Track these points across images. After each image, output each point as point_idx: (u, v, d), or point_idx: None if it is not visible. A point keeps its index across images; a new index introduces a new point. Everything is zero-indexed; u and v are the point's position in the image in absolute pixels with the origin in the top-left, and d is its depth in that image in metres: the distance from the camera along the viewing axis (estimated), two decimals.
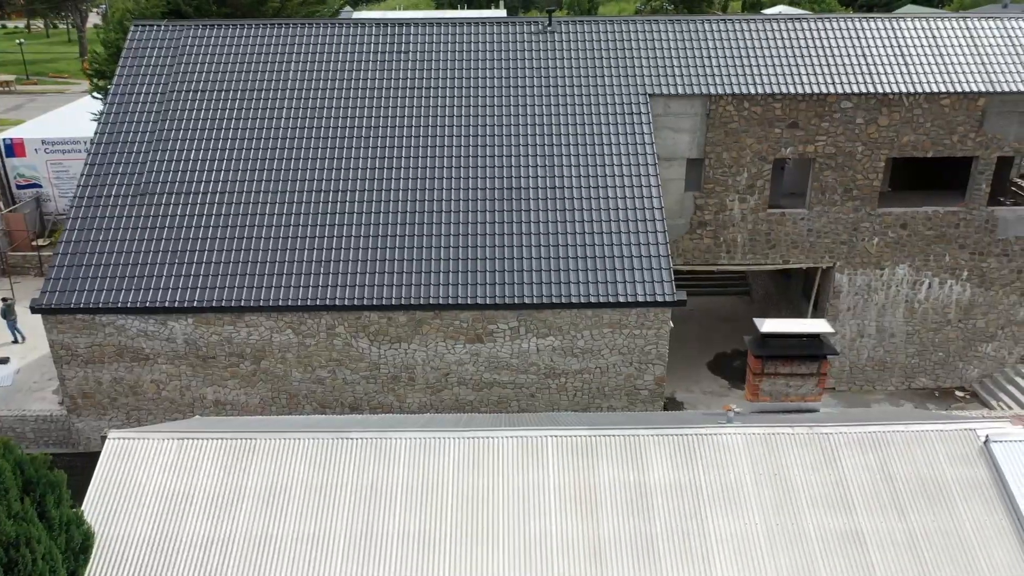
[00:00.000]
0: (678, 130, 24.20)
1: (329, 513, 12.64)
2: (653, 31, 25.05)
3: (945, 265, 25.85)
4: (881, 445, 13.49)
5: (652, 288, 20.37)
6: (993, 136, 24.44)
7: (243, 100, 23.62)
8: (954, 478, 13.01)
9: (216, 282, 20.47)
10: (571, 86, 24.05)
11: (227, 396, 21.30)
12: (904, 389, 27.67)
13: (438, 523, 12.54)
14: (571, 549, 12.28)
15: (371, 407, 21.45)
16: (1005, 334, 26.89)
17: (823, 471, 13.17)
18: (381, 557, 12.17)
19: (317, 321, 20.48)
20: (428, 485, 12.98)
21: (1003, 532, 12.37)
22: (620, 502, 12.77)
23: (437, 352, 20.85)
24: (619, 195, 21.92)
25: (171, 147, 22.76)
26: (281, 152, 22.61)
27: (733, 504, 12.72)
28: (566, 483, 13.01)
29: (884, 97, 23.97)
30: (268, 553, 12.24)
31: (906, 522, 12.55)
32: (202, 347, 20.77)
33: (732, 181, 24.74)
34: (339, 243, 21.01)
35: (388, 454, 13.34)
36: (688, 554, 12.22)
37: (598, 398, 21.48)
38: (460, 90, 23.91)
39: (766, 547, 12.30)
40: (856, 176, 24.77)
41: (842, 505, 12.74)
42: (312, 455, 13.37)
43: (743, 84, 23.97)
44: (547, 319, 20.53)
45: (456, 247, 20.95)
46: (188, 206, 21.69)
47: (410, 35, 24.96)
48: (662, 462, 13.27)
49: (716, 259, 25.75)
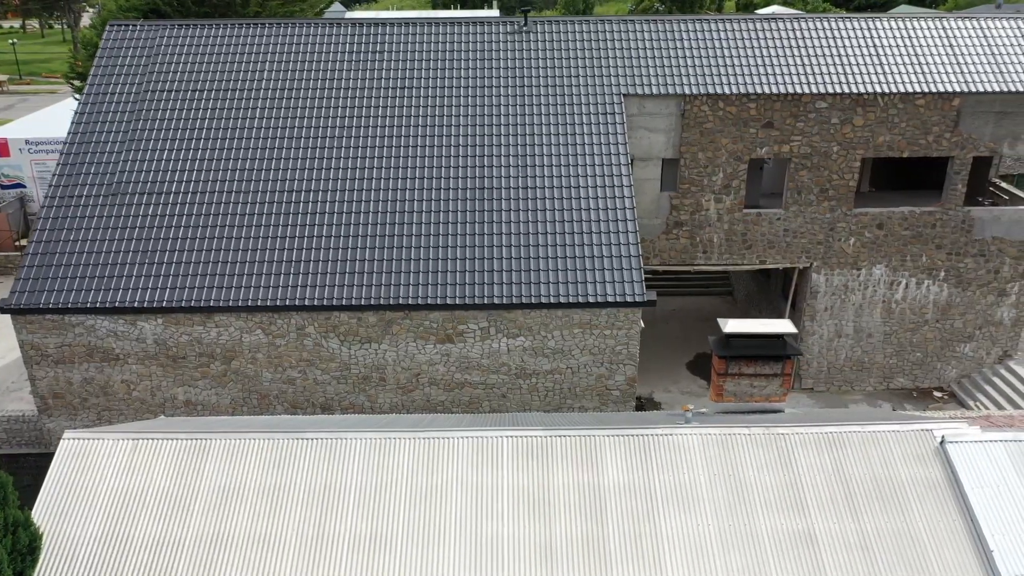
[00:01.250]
0: (653, 130, 24.17)
1: (281, 514, 12.61)
2: (628, 31, 25.03)
3: (922, 265, 25.83)
4: (837, 446, 13.47)
5: (622, 288, 20.34)
6: (968, 136, 24.41)
7: (216, 100, 23.58)
8: (909, 479, 12.99)
9: (186, 282, 20.44)
10: (545, 86, 24.01)
11: (198, 396, 21.26)
12: (883, 390, 27.65)
13: (390, 524, 12.51)
14: (522, 551, 12.25)
15: (342, 407, 21.42)
16: (983, 334, 26.87)
17: (778, 472, 13.15)
18: (332, 558, 12.15)
19: (287, 321, 20.44)
20: (381, 486, 12.96)
21: (956, 532, 12.35)
22: (573, 503, 12.74)
23: (408, 352, 20.83)
24: (591, 195, 21.89)
25: (144, 147, 22.72)
26: (252, 152, 22.57)
27: (687, 505, 12.70)
28: (520, 484, 12.98)
29: (859, 97, 23.94)
30: (219, 554, 12.22)
31: (859, 523, 12.53)
32: (172, 347, 20.73)
33: (708, 181, 24.72)
34: (309, 243, 20.98)
35: (342, 455, 13.32)
36: (640, 555, 12.20)
37: (569, 398, 21.45)
38: (433, 90, 23.87)
39: (718, 548, 12.28)
40: (832, 176, 24.75)
41: (796, 506, 12.72)
42: (266, 455, 13.35)
43: (718, 84, 23.94)
44: (517, 319, 20.50)
45: (426, 247, 20.92)
46: (159, 206, 21.65)
47: (385, 35, 24.93)
48: (617, 463, 13.24)
49: (692, 259, 25.72)
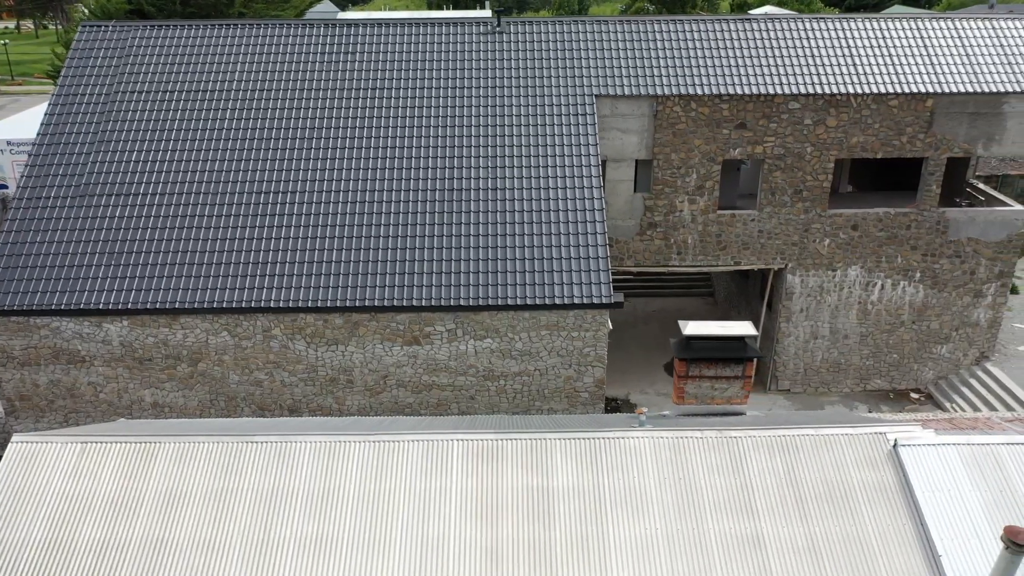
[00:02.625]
0: (626, 131, 24.09)
1: (227, 518, 12.51)
2: (601, 32, 24.94)
3: (897, 266, 25.74)
4: (789, 449, 13.38)
5: (589, 290, 20.25)
6: (942, 137, 24.33)
7: (186, 101, 23.50)
8: (860, 482, 12.90)
9: (151, 284, 20.36)
10: (517, 87, 23.93)
11: (165, 398, 21.18)
12: (860, 391, 27.57)
13: (336, 528, 12.41)
14: (468, 554, 12.15)
15: (310, 410, 21.34)
16: (959, 336, 26.79)
17: (729, 475, 13.06)
18: (277, 563, 12.04)
19: (253, 323, 20.36)
20: (329, 490, 12.86)
21: (905, 536, 12.26)
22: (522, 506, 12.65)
23: (375, 354, 20.74)
24: (560, 196, 21.81)
25: (113, 148, 22.63)
26: (220, 154, 22.48)
27: (635, 508, 12.60)
28: (469, 487, 12.89)
29: (832, 98, 23.86)
30: (163, 559, 12.11)
31: (808, 526, 12.43)
32: (138, 349, 20.65)
33: (681, 182, 24.63)
34: (275, 244, 20.90)
35: (290, 458, 13.22)
36: (586, 558, 12.10)
37: (538, 400, 21.37)
38: (404, 91, 23.79)
39: (665, 551, 12.19)
40: (806, 177, 24.67)
41: (745, 509, 12.62)
42: (215, 459, 13.25)
43: (690, 85, 23.85)
44: (484, 321, 20.41)
45: (392, 248, 20.83)
46: (127, 207, 21.56)
47: (357, 36, 24.84)
48: (567, 466, 13.14)
49: (667, 260, 25.64)
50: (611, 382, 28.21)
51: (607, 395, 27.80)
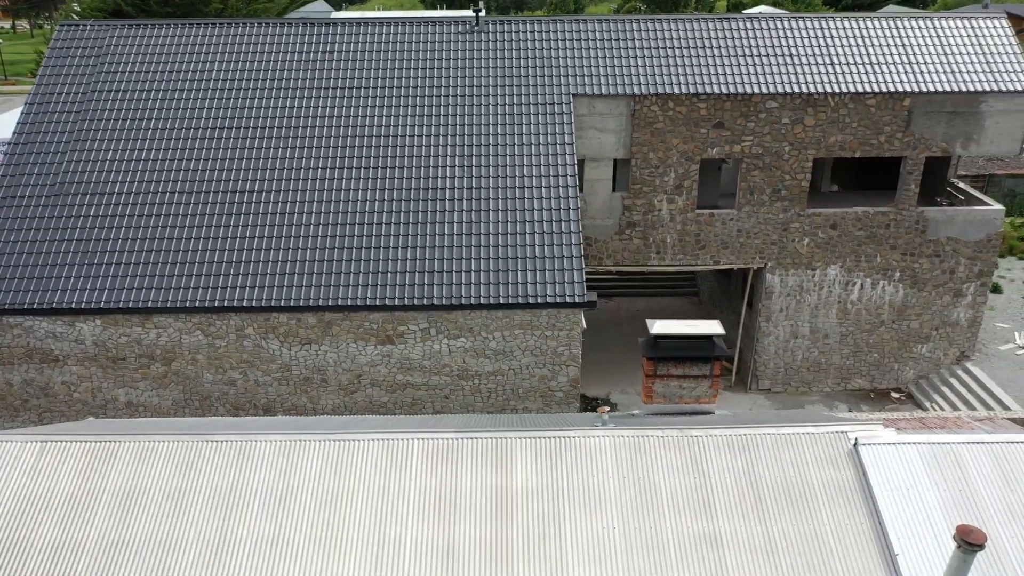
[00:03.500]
0: (604, 130, 24.07)
1: (184, 517, 12.47)
2: (579, 31, 24.91)
3: (877, 266, 25.72)
4: (750, 448, 13.34)
5: (563, 289, 20.23)
6: (920, 136, 24.31)
7: (163, 101, 23.47)
8: (820, 481, 12.87)
9: (124, 283, 20.33)
10: (495, 86, 23.91)
11: (139, 398, 21.16)
12: (840, 391, 27.55)
13: (293, 528, 12.37)
14: (425, 554, 12.12)
15: (284, 409, 21.32)
16: (940, 335, 26.76)
17: (688, 474, 13.03)
18: (233, 562, 12.01)
19: (226, 322, 20.33)
20: (287, 489, 12.82)
21: (862, 535, 12.23)
22: (480, 506, 12.61)
23: (348, 353, 20.72)
24: (535, 195, 21.78)
25: (88, 148, 22.61)
26: (194, 153, 22.47)
27: (593, 507, 12.57)
28: (427, 487, 12.85)
29: (809, 97, 23.84)
30: (119, 558, 12.08)
31: (766, 525, 12.40)
32: (111, 348, 20.62)
33: (660, 181, 24.61)
34: (248, 244, 20.87)
35: (249, 457, 13.18)
36: (542, 557, 12.07)
37: (513, 399, 21.35)
38: (382, 89, 23.76)
39: (622, 551, 12.15)
40: (784, 176, 24.64)
41: (704, 508, 12.59)
42: (173, 458, 13.21)
43: (667, 84, 23.83)
44: (457, 320, 20.39)
45: (366, 247, 20.80)
46: (101, 207, 21.54)
47: (335, 35, 24.82)
48: (527, 465, 13.10)
49: (646, 260, 25.61)
50: (593, 382, 28.20)
51: (588, 394, 27.80)
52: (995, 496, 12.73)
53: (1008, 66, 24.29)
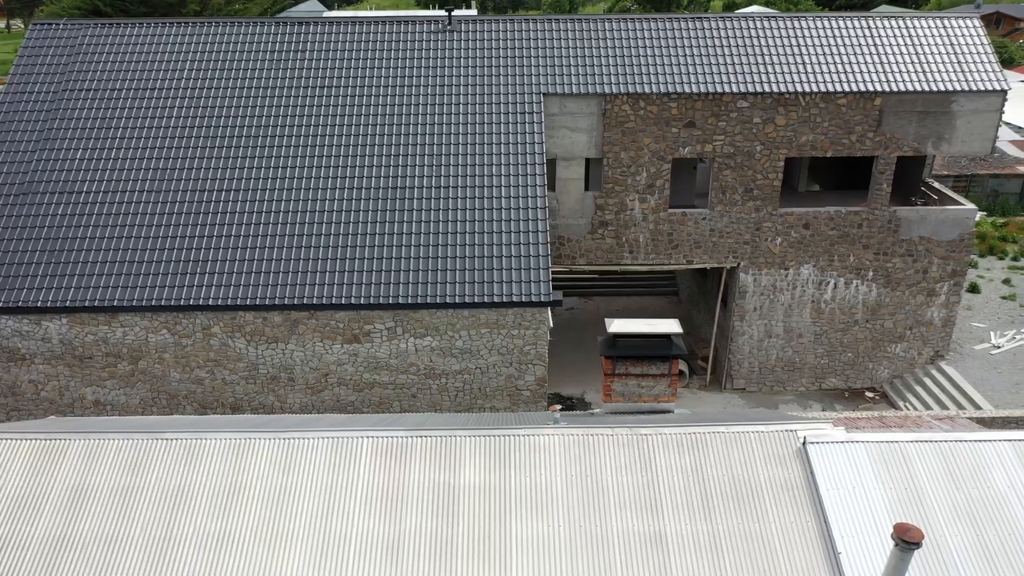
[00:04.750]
0: (575, 129, 24.07)
1: (131, 515, 12.48)
2: (550, 30, 24.91)
3: (850, 265, 25.74)
4: (699, 447, 13.35)
5: (528, 288, 20.23)
6: (892, 136, 24.32)
7: (132, 100, 23.46)
8: (767, 480, 12.87)
9: (91, 282, 20.33)
10: (465, 85, 23.91)
11: (106, 396, 21.15)
12: (815, 390, 27.57)
13: (239, 525, 12.38)
14: (369, 550, 12.13)
15: (252, 408, 21.32)
16: (914, 334, 26.78)
17: (636, 473, 13.03)
18: (179, 559, 12.03)
19: (192, 321, 20.33)
20: (235, 486, 12.82)
21: (807, 534, 12.24)
22: (426, 504, 12.61)
23: (315, 352, 20.72)
24: (503, 194, 21.79)
25: (58, 146, 22.61)
26: (162, 152, 22.46)
27: (539, 506, 12.57)
28: (375, 485, 12.86)
29: (780, 96, 23.85)
30: (65, 556, 12.09)
31: (712, 524, 12.41)
32: (78, 347, 20.62)
33: (631, 181, 24.62)
34: (214, 243, 20.86)
35: (198, 455, 13.19)
36: (486, 555, 12.08)
37: (480, 398, 21.35)
38: (352, 89, 23.76)
39: (566, 549, 12.16)
40: (756, 176, 24.65)
41: (650, 507, 12.60)
42: (123, 456, 13.22)
43: (638, 83, 23.83)
44: (423, 319, 20.39)
45: (333, 246, 20.81)
46: (69, 205, 21.54)
47: (308, 34, 24.81)
48: (475, 464, 13.11)
49: (619, 259, 25.62)
50: (568, 381, 28.23)
51: (563, 393, 27.83)
52: (941, 494, 12.76)
53: (979, 66, 24.31)
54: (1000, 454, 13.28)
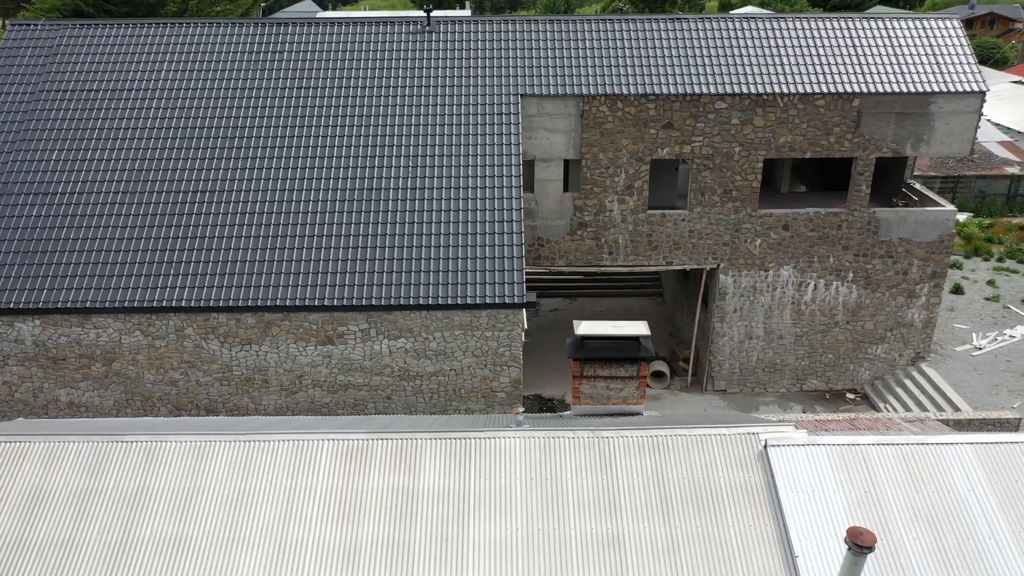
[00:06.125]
0: (553, 131, 24.03)
1: (87, 518, 12.44)
2: (529, 31, 24.87)
3: (830, 266, 25.70)
4: (660, 449, 13.32)
5: (502, 290, 20.19)
6: (870, 137, 24.29)
7: (108, 100, 23.41)
8: (727, 483, 12.84)
9: (63, 283, 20.28)
10: (443, 86, 23.86)
11: (81, 398, 21.10)
12: (796, 391, 27.53)
13: (197, 528, 12.34)
14: (326, 554, 12.10)
15: (227, 409, 21.27)
16: (894, 336, 26.75)
17: (596, 476, 13.00)
18: (135, 563, 11.99)
19: (165, 323, 20.28)
20: (193, 490, 12.79)
21: (765, 537, 12.21)
22: (385, 507, 12.59)
23: (289, 354, 20.67)
24: (478, 196, 21.74)
25: (33, 147, 22.56)
26: (136, 153, 22.40)
27: (498, 509, 12.54)
28: (333, 488, 12.83)
29: (758, 97, 23.81)
30: (20, 560, 12.06)
31: (670, 526, 12.38)
32: (52, 349, 20.58)
33: (610, 182, 24.58)
34: (187, 244, 20.81)
35: (158, 458, 13.15)
36: (444, 559, 12.04)
37: (455, 400, 21.31)
38: (330, 90, 23.71)
39: (523, 553, 12.13)
40: (735, 177, 24.61)
41: (609, 510, 12.57)
42: (81, 459, 13.18)
43: (616, 84, 23.79)
44: (397, 321, 20.35)
45: (307, 248, 20.76)
46: (43, 207, 21.49)
47: (287, 35, 24.76)
48: (435, 467, 13.08)
49: (599, 260, 25.58)
50: (550, 382, 28.20)
51: (544, 395, 27.79)
52: (901, 497, 12.75)
53: (958, 67, 24.28)
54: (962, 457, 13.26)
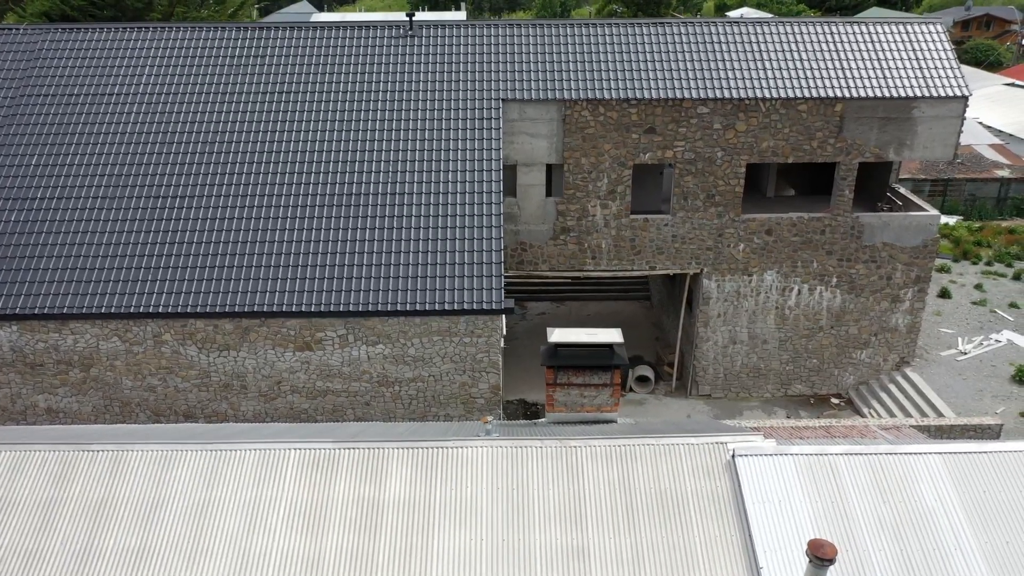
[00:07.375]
0: (535, 135, 23.98)
1: (51, 529, 12.39)
2: (511, 36, 24.81)
3: (813, 271, 25.65)
4: (628, 459, 13.27)
5: (480, 296, 20.13)
6: (853, 142, 24.23)
7: (89, 105, 23.35)
8: (694, 492, 12.79)
9: (41, 289, 20.22)
10: (424, 91, 23.81)
11: (59, 404, 21.05)
12: (780, 396, 27.48)
13: (160, 539, 12.28)
14: (289, 565, 12.04)
15: (205, 415, 21.22)
16: (879, 341, 26.69)
17: (563, 485, 12.95)
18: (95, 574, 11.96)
19: (143, 328, 20.23)
20: (157, 500, 12.73)
21: (731, 546, 12.15)
22: (349, 517, 12.54)
23: (267, 360, 20.62)
24: (458, 201, 21.68)
25: (12, 152, 22.50)
26: (115, 158, 22.33)
27: (463, 519, 12.49)
28: (298, 498, 12.78)
29: (740, 102, 23.76)
30: None
31: (636, 536, 12.33)
32: (29, 354, 20.52)
33: (593, 187, 24.53)
34: (165, 249, 20.75)
35: (123, 467, 13.10)
36: (408, 570, 11.99)
37: (434, 406, 21.25)
38: (311, 94, 23.66)
39: (487, 562, 12.08)
40: (717, 182, 24.56)
41: (575, 520, 12.51)
42: (45, 468, 13.13)
43: (598, 89, 23.73)
44: (375, 327, 20.29)
45: (285, 253, 20.70)
46: (20, 212, 21.43)
47: (270, 39, 24.71)
48: (401, 476, 13.03)
49: (582, 265, 25.53)
50: (534, 387, 28.10)
51: (528, 400, 27.73)
52: (867, 508, 12.68)
53: (941, 72, 24.23)
54: (930, 467, 13.22)
